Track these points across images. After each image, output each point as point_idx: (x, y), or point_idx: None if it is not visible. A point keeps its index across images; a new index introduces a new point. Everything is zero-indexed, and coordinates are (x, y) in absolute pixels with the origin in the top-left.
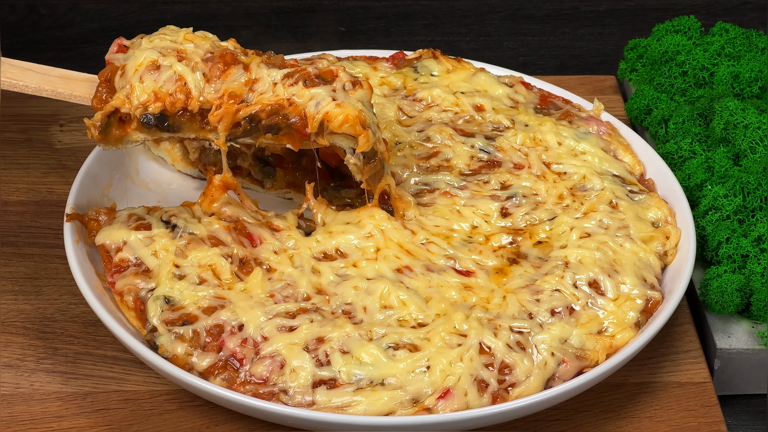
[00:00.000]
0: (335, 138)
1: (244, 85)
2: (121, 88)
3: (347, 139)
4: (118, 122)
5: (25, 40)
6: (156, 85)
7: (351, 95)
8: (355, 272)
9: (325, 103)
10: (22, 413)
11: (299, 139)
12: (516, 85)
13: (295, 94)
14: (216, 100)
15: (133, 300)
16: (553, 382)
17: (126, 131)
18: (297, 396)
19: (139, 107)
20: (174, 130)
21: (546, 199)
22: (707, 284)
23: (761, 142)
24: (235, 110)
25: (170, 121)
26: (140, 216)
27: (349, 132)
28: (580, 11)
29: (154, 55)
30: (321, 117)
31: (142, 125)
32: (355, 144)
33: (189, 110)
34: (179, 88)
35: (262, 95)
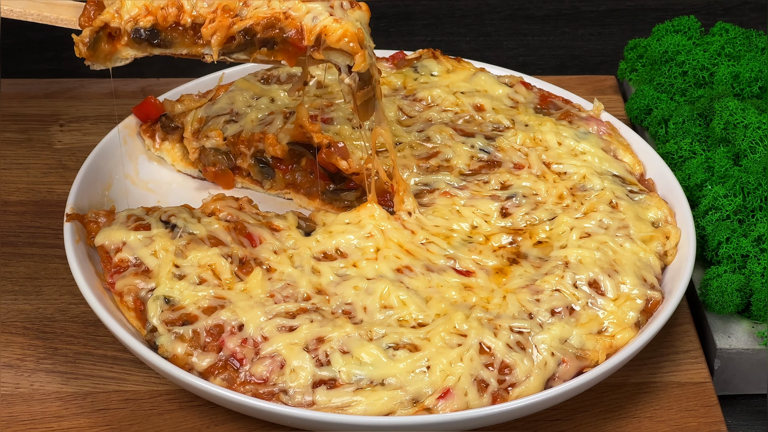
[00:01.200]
0: (331, 54)
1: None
2: (110, 3)
3: (343, 55)
4: (107, 38)
5: (25, 40)
6: (147, 0)
7: (349, 14)
8: (355, 272)
9: (323, 18)
10: (22, 413)
11: (294, 54)
12: (516, 85)
13: (291, 8)
14: (209, 14)
15: (133, 300)
16: (553, 382)
17: (116, 47)
18: (297, 396)
19: (130, 21)
20: (165, 46)
21: (546, 199)
22: (707, 284)
23: (761, 142)
24: (230, 23)
25: (162, 35)
26: (139, 216)
27: (346, 48)
28: (580, 11)
29: None
30: (319, 30)
31: (133, 40)
32: (351, 62)
33: (181, 24)
34: (171, 2)
35: (257, 9)
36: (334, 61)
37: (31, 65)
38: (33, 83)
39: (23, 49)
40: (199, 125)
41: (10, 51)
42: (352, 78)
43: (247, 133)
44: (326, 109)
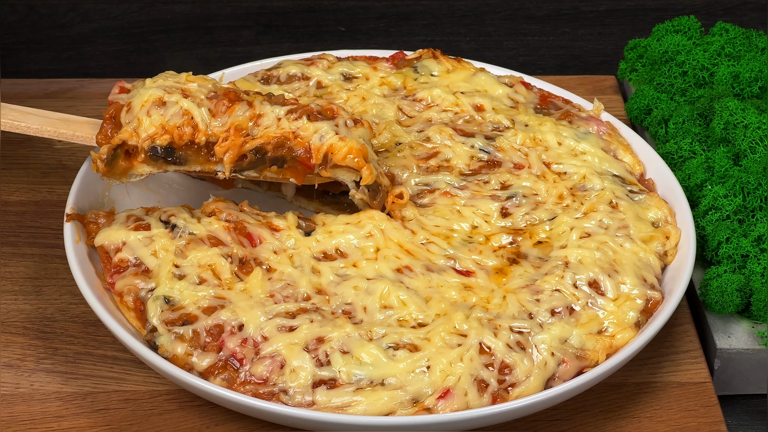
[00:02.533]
0: (338, 171)
1: (249, 119)
2: (128, 122)
3: (350, 172)
4: (124, 155)
5: (25, 40)
6: (163, 119)
7: (352, 131)
8: (355, 272)
9: (329, 136)
10: (22, 413)
11: (303, 173)
12: (516, 85)
13: (300, 128)
14: (222, 133)
15: (133, 300)
16: (553, 382)
17: (132, 164)
18: (297, 396)
19: (147, 139)
20: (180, 163)
21: (546, 199)
22: (707, 284)
23: (761, 142)
24: (242, 142)
25: (177, 153)
26: (139, 217)
27: (351, 164)
28: (580, 11)
29: (160, 92)
30: (326, 149)
31: (150, 157)
32: (357, 177)
33: (196, 143)
34: (186, 122)
35: (267, 129)
36: (341, 178)
37: (31, 65)
38: (33, 83)
39: (23, 49)
40: None
41: (10, 51)
42: (362, 191)
43: None
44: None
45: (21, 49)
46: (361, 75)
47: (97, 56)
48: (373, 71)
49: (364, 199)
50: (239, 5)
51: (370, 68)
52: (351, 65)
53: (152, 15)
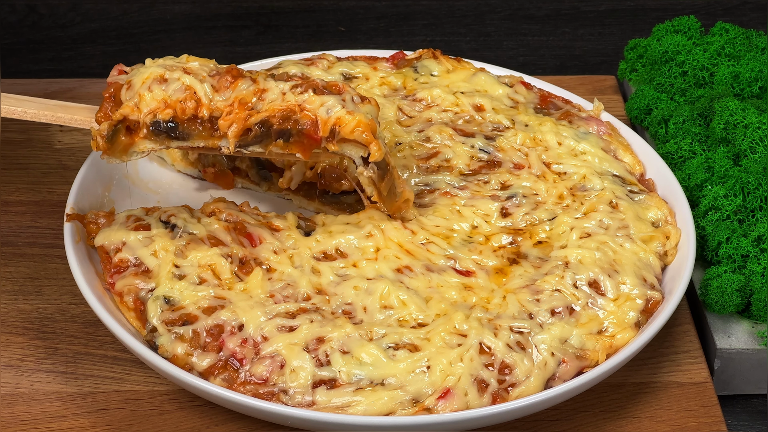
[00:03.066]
0: (345, 146)
1: (253, 94)
2: (129, 99)
3: (357, 147)
4: (125, 131)
5: (25, 40)
6: (165, 94)
7: (360, 107)
8: (355, 272)
9: (337, 110)
10: (22, 413)
11: (309, 147)
12: (516, 85)
13: (306, 101)
14: (226, 107)
15: (133, 300)
16: (553, 382)
17: (133, 140)
18: (297, 396)
19: (149, 114)
20: (183, 138)
21: (546, 199)
22: (707, 284)
23: (761, 142)
24: (246, 116)
25: (180, 128)
26: (139, 217)
27: (360, 139)
28: (580, 11)
29: (161, 70)
30: (333, 121)
31: (152, 132)
32: (365, 153)
33: (199, 117)
34: (189, 96)
35: (272, 103)
36: (348, 154)
37: (31, 65)
38: (33, 83)
39: (23, 49)
40: None
41: (10, 51)
42: (370, 169)
43: None
44: None
45: (21, 49)
46: (361, 75)
47: (97, 56)
48: (373, 71)
49: (372, 177)
50: (239, 5)
51: (370, 68)
52: (351, 65)
53: (152, 15)
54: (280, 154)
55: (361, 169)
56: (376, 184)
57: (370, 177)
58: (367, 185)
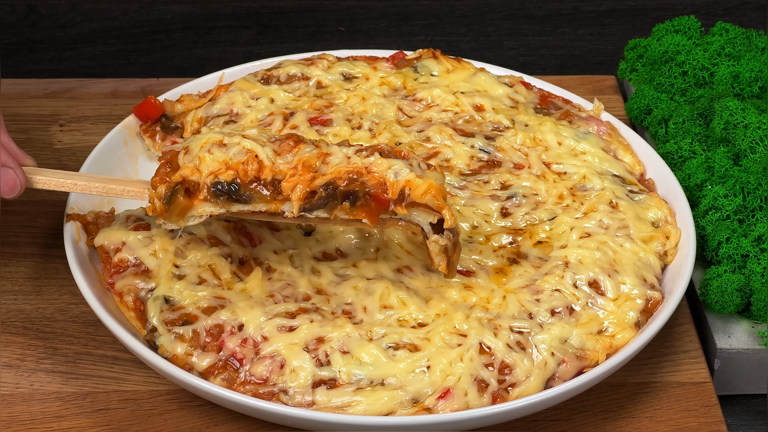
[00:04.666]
0: (415, 210)
1: (317, 158)
2: (189, 160)
3: (426, 212)
4: (184, 194)
5: (25, 40)
6: (226, 156)
7: (427, 173)
8: (355, 272)
9: (406, 173)
10: (22, 413)
11: (376, 211)
12: (516, 85)
13: (372, 163)
14: (289, 170)
15: (133, 300)
16: (553, 382)
17: (192, 203)
18: (297, 396)
19: (210, 175)
20: (245, 201)
21: (546, 199)
22: (707, 284)
23: (761, 142)
24: (311, 177)
25: (242, 190)
26: (139, 217)
27: (431, 204)
28: (580, 11)
29: (219, 136)
30: (403, 184)
31: (213, 194)
32: (434, 219)
33: (261, 179)
34: (251, 159)
35: (337, 165)
36: (416, 220)
37: (31, 65)
38: (33, 83)
39: (23, 49)
40: (199, 125)
41: (10, 51)
42: (446, 237)
43: None
44: (325, 110)
45: (21, 49)
46: (361, 75)
47: (97, 56)
48: (373, 71)
49: (447, 245)
50: (239, 5)
51: (370, 68)
52: (351, 65)
53: (152, 15)
54: (345, 221)
55: (436, 237)
56: (448, 253)
57: (445, 246)
58: (438, 254)
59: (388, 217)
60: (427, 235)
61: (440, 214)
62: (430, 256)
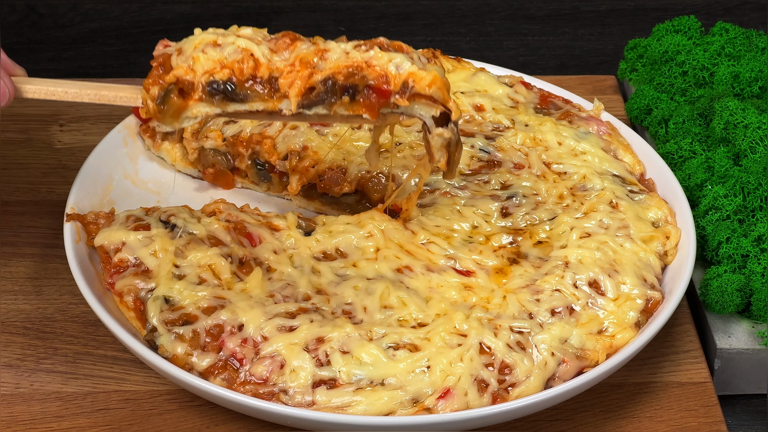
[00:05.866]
0: (417, 102)
1: (314, 54)
2: (183, 60)
3: (429, 105)
4: (178, 94)
5: (25, 40)
6: (221, 55)
7: (428, 66)
8: (355, 272)
9: (408, 65)
10: (22, 413)
11: (377, 105)
12: (516, 85)
13: (372, 57)
14: (286, 66)
15: (133, 300)
16: (553, 382)
17: (186, 103)
18: (297, 396)
19: (205, 74)
20: (241, 100)
21: (546, 199)
22: (707, 284)
23: (761, 142)
24: (309, 73)
25: (238, 89)
26: (139, 217)
27: (436, 95)
28: (580, 11)
29: (213, 36)
30: (405, 76)
31: (208, 94)
32: (436, 112)
33: (258, 77)
34: (246, 57)
35: (336, 61)
36: (417, 113)
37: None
38: None
39: (23, 49)
40: (199, 125)
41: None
42: (450, 129)
43: (246, 134)
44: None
45: (21, 49)
46: None
47: (97, 56)
48: None
49: (452, 139)
50: (239, 5)
51: None
52: None
53: (152, 15)
54: (345, 117)
55: (441, 130)
56: (450, 149)
57: (449, 139)
58: (439, 149)
59: (389, 112)
60: (430, 129)
61: (444, 107)
62: (430, 151)
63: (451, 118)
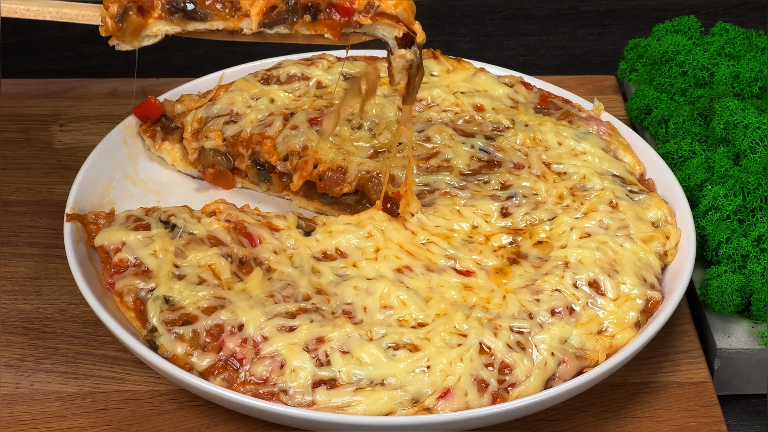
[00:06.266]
0: (380, 22)
1: None
2: None
3: (391, 27)
4: (137, 12)
5: (25, 40)
6: None
7: None
8: (355, 272)
9: None
10: (22, 413)
11: (339, 25)
12: (516, 85)
13: None
14: None
15: (133, 300)
16: (553, 382)
17: (146, 21)
18: (297, 396)
19: None
20: (201, 18)
21: (546, 199)
22: (707, 284)
23: (761, 142)
24: None
25: (198, 7)
26: (139, 217)
27: (402, 16)
28: (580, 11)
29: None
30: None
31: (167, 11)
32: (399, 33)
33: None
34: None
35: None
36: (380, 33)
37: (31, 65)
38: (33, 83)
39: (23, 49)
40: (199, 125)
41: (10, 51)
42: (413, 51)
43: (246, 135)
44: (326, 110)
45: (21, 49)
46: None
47: (97, 56)
48: None
49: (414, 61)
50: None
51: None
52: (351, 65)
53: None
54: (307, 36)
55: (403, 51)
56: (410, 72)
57: (411, 61)
58: (400, 71)
59: (351, 32)
60: (392, 50)
61: (408, 29)
62: (391, 72)
63: (416, 41)
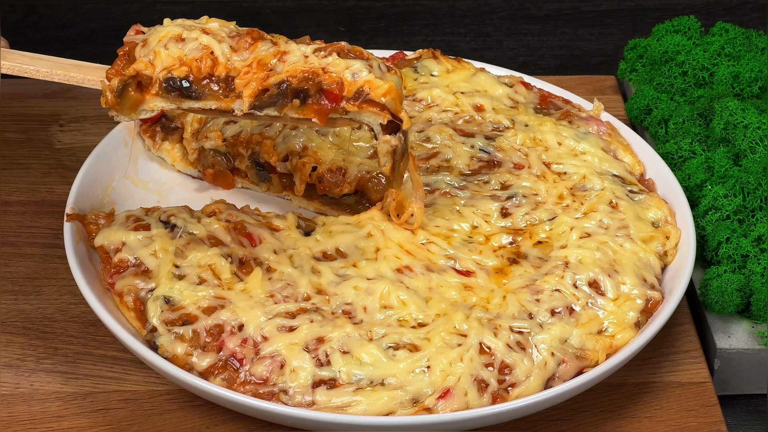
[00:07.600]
0: (366, 109)
1: (273, 56)
2: (144, 55)
3: (376, 114)
4: (136, 87)
5: (25, 40)
6: (182, 53)
7: (387, 75)
8: (355, 272)
9: (364, 74)
10: (22, 413)
11: (326, 111)
12: (516, 85)
13: (330, 64)
14: (244, 67)
15: (133, 300)
16: (553, 382)
17: (144, 97)
18: (297, 396)
19: (163, 70)
20: (196, 98)
21: (546, 199)
22: (707, 284)
23: (761, 142)
24: (265, 76)
25: (194, 87)
26: (139, 217)
27: (389, 105)
28: (580, 11)
29: (179, 29)
30: (361, 83)
31: (164, 89)
32: (384, 120)
33: (215, 76)
34: (206, 55)
35: (294, 64)
36: (366, 120)
37: None
38: (33, 83)
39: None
40: (199, 126)
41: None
42: (398, 138)
43: (246, 135)
44: None
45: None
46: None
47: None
48: None
49: (397, 147)
50: (239, 5)
51: None
52: None
53: (152, 15)
54: (295, 120)
55: (388, 137)
56: (395, 157)
57: (395, 147)
58: (384, 155)
59: (338, 117)
60: (377, 136)
61: (394, 117)
62: (378, 156)
63: (402, 128)
